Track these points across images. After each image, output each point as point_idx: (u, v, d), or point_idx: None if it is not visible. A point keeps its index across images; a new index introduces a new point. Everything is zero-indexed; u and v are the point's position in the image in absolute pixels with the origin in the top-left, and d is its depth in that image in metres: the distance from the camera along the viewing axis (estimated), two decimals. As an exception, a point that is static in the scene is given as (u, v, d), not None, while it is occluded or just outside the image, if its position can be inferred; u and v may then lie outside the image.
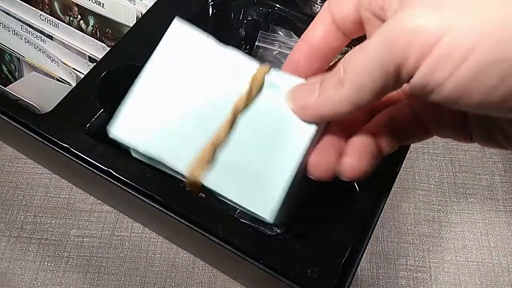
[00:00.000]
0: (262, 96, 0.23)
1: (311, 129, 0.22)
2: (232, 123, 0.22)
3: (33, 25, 0.39)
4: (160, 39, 0.31)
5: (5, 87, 0.34)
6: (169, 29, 0.24)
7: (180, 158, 0.22)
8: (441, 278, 0.39)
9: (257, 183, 0.22)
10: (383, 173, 0.28)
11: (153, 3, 0.35)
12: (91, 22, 0.38)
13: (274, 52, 0.35)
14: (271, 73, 0.23)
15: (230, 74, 0.23)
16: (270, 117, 0.23)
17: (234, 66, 0.23)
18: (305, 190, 0.28)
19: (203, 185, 0.23)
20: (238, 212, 0.33)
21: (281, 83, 0.22)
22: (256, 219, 0.26)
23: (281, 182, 0.22)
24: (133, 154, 0.25)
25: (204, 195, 0.26)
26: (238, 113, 0.23)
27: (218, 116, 0.23)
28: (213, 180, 0.22)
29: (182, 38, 0.24)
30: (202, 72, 0.23)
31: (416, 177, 0.44)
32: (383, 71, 0.16)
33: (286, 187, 0.22)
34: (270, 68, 0.23)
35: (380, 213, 0.27)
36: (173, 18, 0.28)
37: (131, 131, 0.23)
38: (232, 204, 0.25)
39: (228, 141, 0.22)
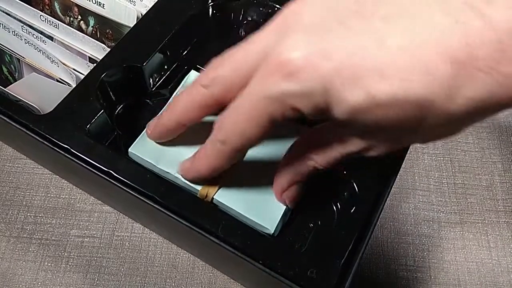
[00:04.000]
0: None
1: None
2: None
3: (33, 25, 0.39)
4: (160, 39, 0.32)
5: (5, 87, 0.34)
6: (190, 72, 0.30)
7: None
8: (441, 278, 0.39)
9: (262, 200, 0.26)
10: (383, 173, 0.28)
11: (153, 3, 0.35)
12: (91, 22, 0.38)
13: (274, 53, 0.35)
14: None
15: None
16: (274, 148, 0.27)
17: None
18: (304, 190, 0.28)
19: (213, 199, 0.26)
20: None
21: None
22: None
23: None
24: (146, 166, 0.28)
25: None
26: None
27: None
28: (223, 196, 0.26)
29: None
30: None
31: (416, 177, 0.44)
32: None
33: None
34: None
35: (380, 213, 0.27)
36: (173, 18, 0.31)
37: (149, 151, 0.27)
38: (235, 216, 0.27)
39: (239, 165, 0.25)
